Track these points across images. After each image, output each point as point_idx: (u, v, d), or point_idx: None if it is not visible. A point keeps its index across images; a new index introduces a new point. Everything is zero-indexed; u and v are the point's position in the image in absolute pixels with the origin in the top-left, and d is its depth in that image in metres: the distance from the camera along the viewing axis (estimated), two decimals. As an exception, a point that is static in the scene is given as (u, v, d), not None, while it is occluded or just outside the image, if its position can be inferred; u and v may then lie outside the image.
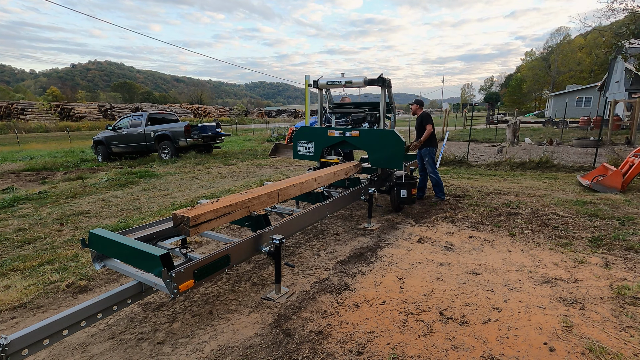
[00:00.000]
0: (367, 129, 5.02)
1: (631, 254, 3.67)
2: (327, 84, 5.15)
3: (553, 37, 65.18)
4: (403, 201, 5.14)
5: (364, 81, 4.86)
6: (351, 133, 4.98)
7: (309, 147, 5.40)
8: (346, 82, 4.94)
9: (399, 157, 4.70)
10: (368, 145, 4.90)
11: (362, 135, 4.91)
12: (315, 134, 5.32)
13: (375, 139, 4.83)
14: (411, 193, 5.06)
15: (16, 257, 3.97)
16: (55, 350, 2.42)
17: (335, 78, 5.10)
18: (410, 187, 5.05)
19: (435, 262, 3.57)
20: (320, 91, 5.42)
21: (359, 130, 4.91)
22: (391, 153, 4.74)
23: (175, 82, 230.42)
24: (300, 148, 5.52)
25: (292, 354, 2.27)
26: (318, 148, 5.33)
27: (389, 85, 4.94)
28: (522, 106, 62.51)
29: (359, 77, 4.90)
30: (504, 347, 2.26)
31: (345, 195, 4.24)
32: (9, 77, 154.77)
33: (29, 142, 20.24)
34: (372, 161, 4.95)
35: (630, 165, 6.37)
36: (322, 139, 5.27)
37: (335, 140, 5.13)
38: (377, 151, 4.85)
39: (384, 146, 4.77)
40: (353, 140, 4.99)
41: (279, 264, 2.94)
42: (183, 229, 2.58)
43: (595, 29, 18.25)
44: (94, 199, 6.67)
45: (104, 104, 41.90)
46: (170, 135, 12.00)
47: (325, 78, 5.19)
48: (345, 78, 4.99)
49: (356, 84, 4.92)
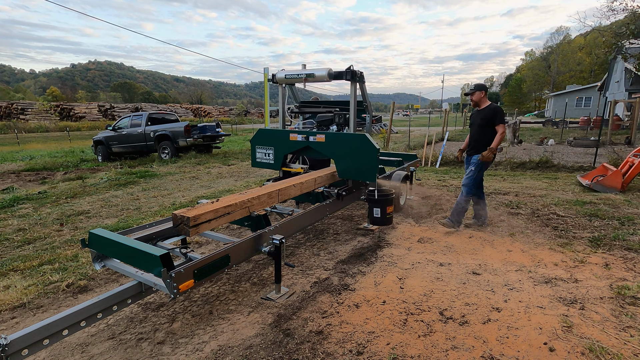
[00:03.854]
0: (334, 133, 4.27)
1: (631, 254, 3.67)
2: (285, 78, 4.41)
3: (553, 37, 65.23)
4: (375, 221, 4.20)
5: (328, 74, 4.11)
6: (316, 137, 4.21)
7: (269, 153, 4.61)
8: (307, 75, 4.20)
9: (371, 167, 3.93)
10: (335, 152, 4.16)
11: (329, 140, 4.16)
12: (276, 138, 4.54)
13: (343, 145, 4.07)
14: (386, 212, 4.11)
15: (16, 257, 3.97)
16: (55, 350, 2.42)
17: (295, 71, 4.36)
18: (385, 204, 4.09)
19: (435, 262, 3.57)
20: (281, 87, 4.68)
21: (325, 134, 4.19)
22: (362, 162, 3.98)
23: (175, 82, 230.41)
24: (258, 154, 4.71)
25: (292, 354, 2.27)
26: (279, 155, 4.53)
27: (360, 79, 4.19)
28: (522, 106, 62.51)
29: (322, 70, 4.16)
30: (504, 347, 2.26)
31: (351, 194, 4.25)
32: (9, 77, 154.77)
33: (28, 142, 20.24)
34: (340, 172, 4.19)
35: (630, 165, 6.37)
36: (283, 144, 4.48)
37: (298, 146, 4.37)
38: (345, 160, 4.10)
39: (354, 154, 4.01)
40: (318, 146, 4.22)
41: (279, 264, 2.94)
42: (183, 229, 2.58)
43: (595, 29, 18.24)
44: (94, 199, 6.66)
45: (104, 104, 41.89)
46: (170, 135, 12.00)
47: (284, 71, 4.46)
48: (305, 70, 4.26)
49: (319, 77, 4.15)
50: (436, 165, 9.88)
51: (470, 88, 4.55)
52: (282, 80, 4.47)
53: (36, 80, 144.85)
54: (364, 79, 4.25)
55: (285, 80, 4.46)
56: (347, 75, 4.10)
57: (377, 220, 4.19)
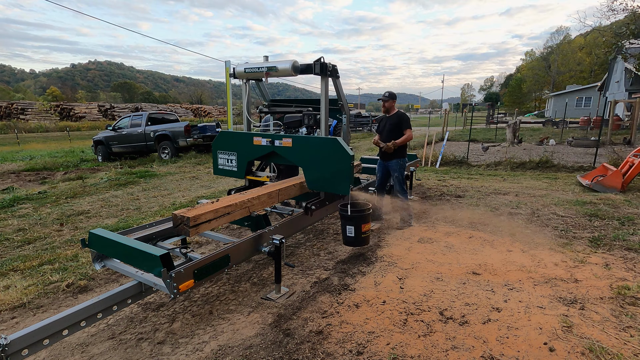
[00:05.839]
0: (302, 137, 3.64)
1: (631, 254, 3.67)
2: (245, 72, 3.82)
3: (553, 37, 65.18)
4: (349, 241, 3.62)
5: (292, 67, 3.49)
6: (282, 142, 3.60)
7: (232, 159, 4.01)
8: (268, 69, 3.62)
9: (344, 177, 3.29)
10: (303, 159, 3.53)
11: (296, 144, 3.52)
12: (238, 143, 3.95)
13: (312, 150, 3.44)
14: (361, 230, 3.51)
15: (16, 257, 3.97)
16: (55, 350, 2.42)
17: (256, 64, 3.78)
18: (360, 221, 3.51)
19: (435, 262, 3.57)
20: (244, 83, 4.12)
21: (292, 138, 3.56)
22: (333, 171, 3.34)
23: (175, 82, 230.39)
24: (221, 161, 4.10)
25: (292, 354, 2.27)
26: (242, 161, 3.95)
27: (333, 74, 3.58)
28: (522, 106, 62.48)
29: (286, 62, 3.53)
30: (504, 347, 2.26)
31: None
32: (9, 77, 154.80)
33: (28, 142, 20.24)
34: (309, 182, 3.58)
35: (630, 165, 6.37)
36: (247, 149, 3.87)
37: (263, 152, 3.76)
38: (314, 168, 3.49)
39: (324, 161, 3.38)
40: (284, 151, 3.60)
41: (279, 264, 2.94)
42: (183, 229, 2.58)
43: (595, 29, 18.25)
44: (94, 199, 6.67)
45: (104, 104, 41.88)
46: (170, 135, 12.01)
47: (244, 64, 3.89)
48: (267, 63, 3.67)
49: (282, 71, 3.56)
50: (436, 165, 9.88)
51: (383, 95, 4.68)
52: (242, 74, 3.88)
53: (36, 80, 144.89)
54: (337, 74, 3.68)
55: (245, 75, 3.88)
56: (315, 69, 3.48)
57: (350, 241, 3.60)
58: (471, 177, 8.16)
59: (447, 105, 23.31)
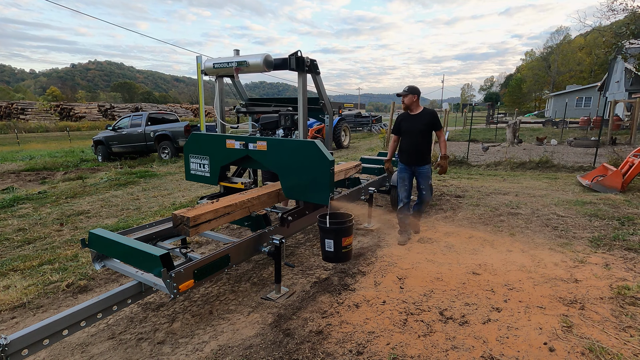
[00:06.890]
0: (278, 140, 3.20)
1: (631, 254, 3.67)
2: (214, 68, 3.48)
3: (553, 37, 65.28)
4: (328, 257, 3.24)
5: (264, 62, 3.11)
6: (256, 145, 3.19)
7: (204, 164, 3.63)
8: (238, 64, 3.26)
9: (322, 185, 2.89)
10: (279, 164, 3.12)
11: (271, 148, 3.13)
12: (210, 146, 3.57)
13: (288, 155, 3.04)
14: (341, 245, 3.12)
15: (16, 257, 3.97)
16: (55, 350, 2.42)
17: (226, 58, 3.40)
18: (339, 235, 3.11)
19: (435, 262, 3.57)
20: (216, 80, 3.74)
21: (267, 141, 3.16)
22: (310, 178, 2.95)
23: (175, 82, 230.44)
24: (193, 165, 3.72)
25: (292, 354, 2.27)
26: (215, 166, 3.57)
27: (312, 70, 3.26)
28: (522, 106, 62.50)
29: (257, 56, 3.14)
30: (504, 347, 2.26)
31: (345, 196, 4.23)
32: (9, 77, 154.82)
33: (29, 142, 20.24)
34: (285, 189, 3.19)
35: (630, 165, 6.37)
36: (219, 153, 3.49)
37: (236, 156, 3.37)
38: (291, 174, 3.08)
39: (301, 167, 2.98)
40: (259, 155, 3.21)
41: (279, 264, 2.94)
42: (183, 229, 2.58)
43: (595, 29, 18.25)
44: (94, 199, 6.67)
45: (104, 104, 41.88)
46: (170, 135, 12.00)
47: (213, 59, 3.51)
48: (237, 58, 3.32)
49: (254, 66, 3.18)
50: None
51: (404, 90, 4.09)
52: (212, 71, 3.54)
53: (36, 80, 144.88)
54: (317, 69, 3.34)
55: (215, 72, 3.54)
56: (291, 64, 3.10)
57: (329, 256, 3.21)
58: (471, 177, 8.16)
59: (447, 105, 23.29)
